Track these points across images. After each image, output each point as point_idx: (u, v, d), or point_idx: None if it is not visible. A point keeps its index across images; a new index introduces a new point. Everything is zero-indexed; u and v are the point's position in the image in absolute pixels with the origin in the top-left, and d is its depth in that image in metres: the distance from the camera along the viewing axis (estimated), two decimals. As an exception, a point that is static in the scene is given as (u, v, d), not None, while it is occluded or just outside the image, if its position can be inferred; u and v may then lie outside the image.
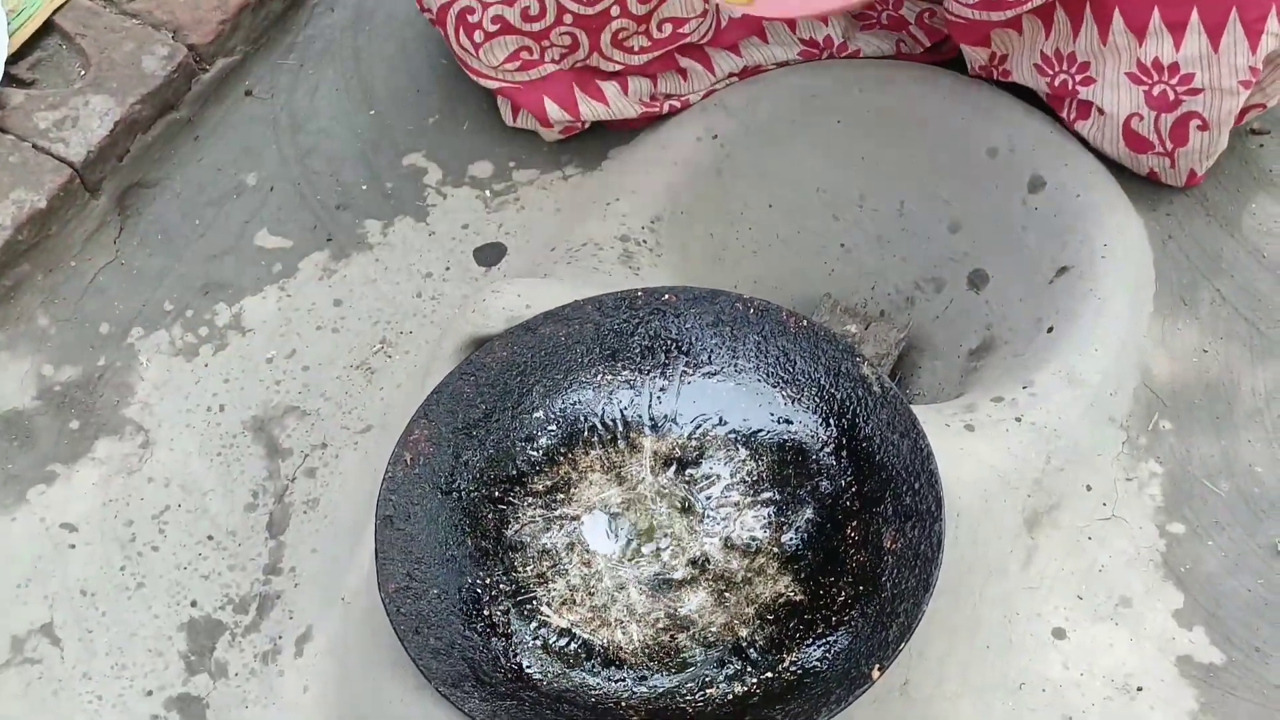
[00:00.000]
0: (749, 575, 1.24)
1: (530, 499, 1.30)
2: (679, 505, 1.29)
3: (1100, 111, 1.51)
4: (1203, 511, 1.41)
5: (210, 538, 1.43)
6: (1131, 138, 1.51)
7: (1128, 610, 1.35)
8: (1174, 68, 1.42)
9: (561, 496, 1.30)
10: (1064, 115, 1.56)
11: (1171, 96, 1.45)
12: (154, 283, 1.62)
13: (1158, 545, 1.38)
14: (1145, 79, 1.45)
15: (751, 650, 1.20)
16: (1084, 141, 1.56)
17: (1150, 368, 1.48)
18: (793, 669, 1.17)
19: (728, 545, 1.26)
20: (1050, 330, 1.45)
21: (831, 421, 1.30)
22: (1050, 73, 1.52)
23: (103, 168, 1.63)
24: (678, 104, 1.66)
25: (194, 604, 1.39)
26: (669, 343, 1.35)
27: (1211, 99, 1.43)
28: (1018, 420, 1.36)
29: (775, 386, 1.33)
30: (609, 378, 1.35)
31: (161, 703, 1.33)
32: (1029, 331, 1.49)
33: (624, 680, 1.19)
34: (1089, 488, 1.40)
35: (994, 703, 1.29)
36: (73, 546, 1.42)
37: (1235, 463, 1.43)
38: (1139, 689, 1.30)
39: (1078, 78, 1.50)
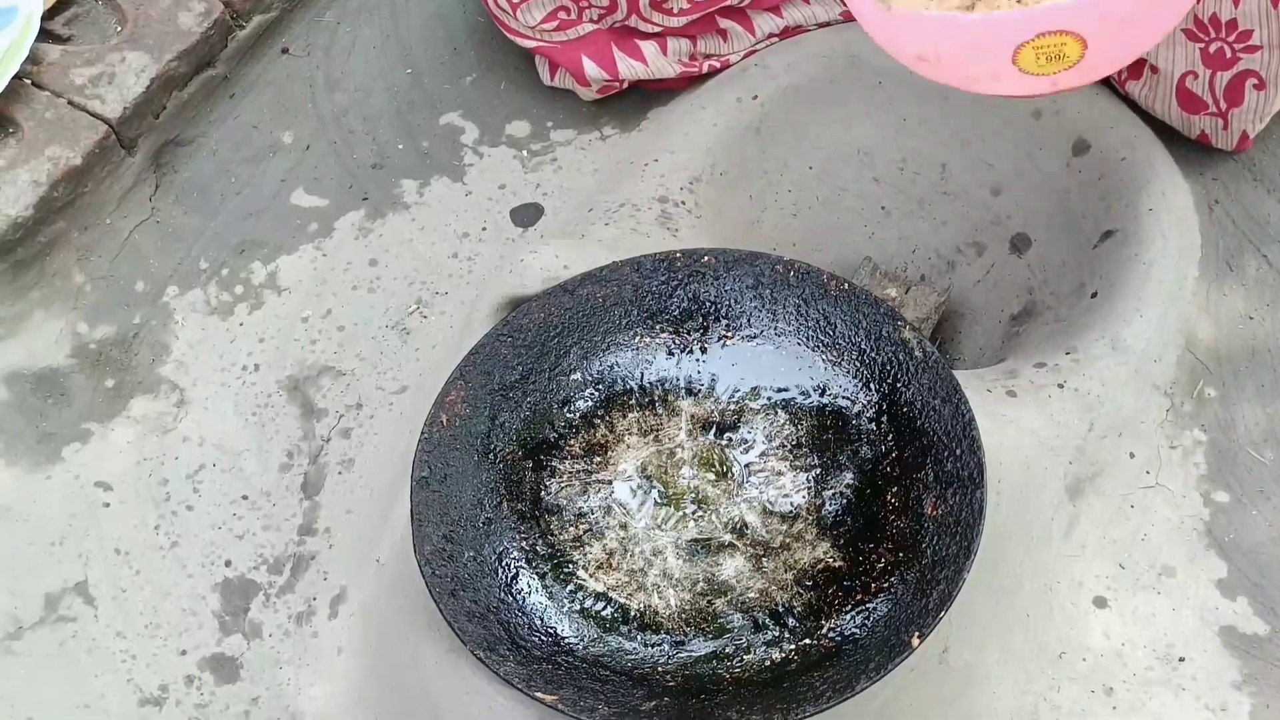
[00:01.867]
0: (787, 541, 1.23)
1: (567, 462, 1.29)
2: (717, 470, 1.28)
3: (1154, 70, 1.48)
4: (1247, 480, 1.39)
5: (245, 497, 1.43)
6: (1185, 97, 1.49)
7: (1170, 580, 1.33)
8: (1232, 24, 1.40)
9: (599, 460, 1.29)
10: (1114, 75, 1.53)
11: (1228, 54, 1.42)
12: (189, 241, 1.62)
13: (1201, 514, 1.37)
14: (1202, 36, 1.42)
15: (789, 616, 1.18)
16: (1132, 104, 1.54)
17: (1195, 334, 1.46)
18: (831, 636, 1.16)
19: (766, 511, 1.25)
20: (1094, 295, 1.43)
21: (872, 386, 1.28)
22: (1104, 31, 1.50)
23: (139, 125, 1.62)
24: (717, 64, 1.64)
25: (228, 564, 1.39)
26: (708, 305, 1.33)
27: (1269, 57, 1.41)
28: (1060, 386, 1.35)
29: (815, 350, 1.31)
30: (647, 340, 1.33)
31: (195, 662, 1.33)
32: (1072, 296, 1.47)
33: (660, 645, 1.18)
34: (1132, 455, 1.39)
35: (1034, 671, 1.28)
36: (107, 505, 1.42)
37: (1280, 430, 1.42)
38: (1181, 659, 1.29)
39: (1134, 36, 1.48)
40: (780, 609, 1.19)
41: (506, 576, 1.21)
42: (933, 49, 1.17)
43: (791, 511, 1.25)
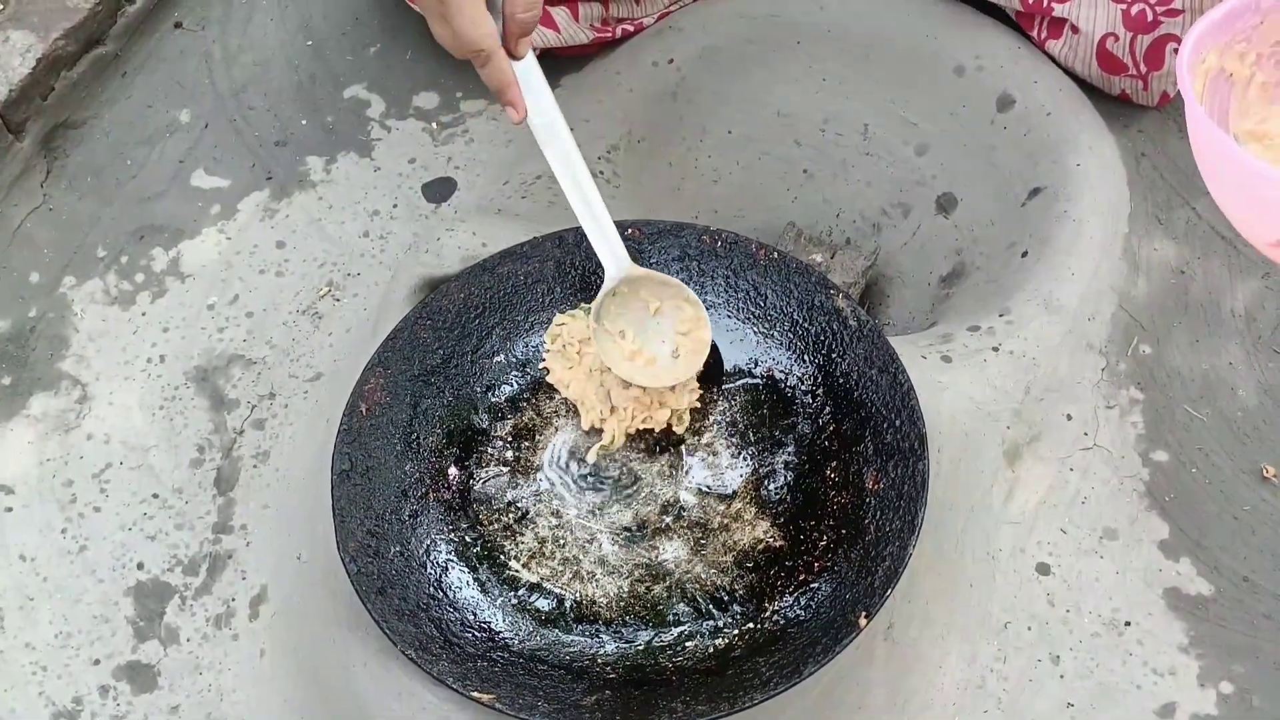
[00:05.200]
0: (726, 521, 1.20)
1: (494, 448, 1.24)
2: (650, 450, 1.24)
3: (1074, 30, 1.46)
4: (1185, 438, 1.37)
5: (155, 496, 1.37)
6: (1105, 58, 1.47)
7: (1113, 543, 1.31)
8: None
9: (527, 445, 1.25)
10: (1034, 34, 1.51)
11: (1150, 17, 1.41)
12: (85, 228, 1.56)
13: (1141, 474, 1.35)
14: None
15: (731, 601, 1.15)
16: (1054, 61, 1.51)
17: (1128, 291, 1.44)
18: (775, 619, 1.13)
19: (702, 491, 1.22)
20: (1024, 254, 1.41)
21: (807, 358, 1.25)
22: (1026, -12, 1.47)
23: (26, 108, 1.56)
24: (631, 28, 1.60)
25: (140, 567, 1.33)
26: (633, 279, 1.29)
27: (1191, 21, 1.39)
28: (995, 350, 1.32)
29: (746, 323, 1.28)
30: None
31: (110, 671, 1.28)
32: (1002, 256, 1.45)
33: (599, 636, 1.14)
34: (1069, 417, 1.36)
35: (980, 643, 1.25)
36: (9, 510, 1.36)
37: (1217, 386, 1.40)
38: (1126, 624, 1.27)
39: (1055, -6, 1.46)
40: (721, 593, 1.16)
41: (436, 571, 1.16)
42: None
43: (729, 491, 1.21)
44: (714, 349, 1.26)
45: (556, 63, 1.64)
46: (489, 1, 1.14)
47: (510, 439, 1.25)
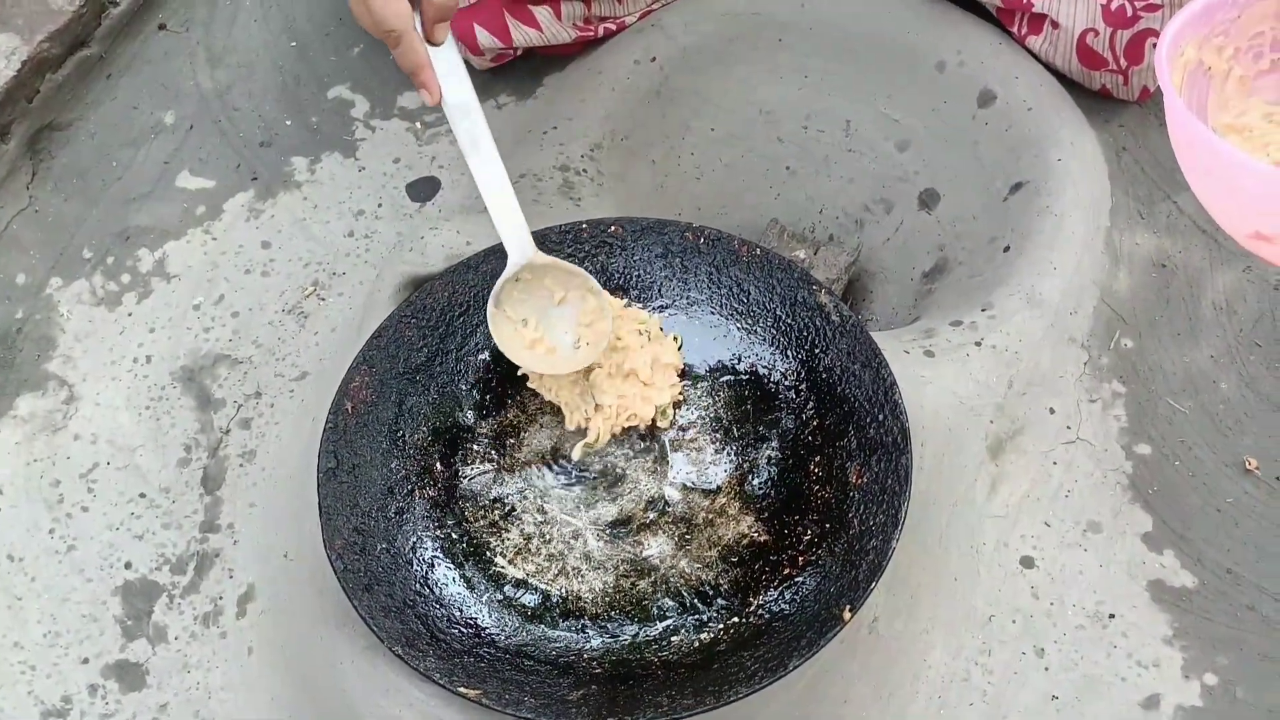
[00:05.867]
0: (710, 517, 1.20)
1: (480, 445, 1.25)
2: (634, 446, 1.24)
3: (1055, 25, 1.47)
4: (1168, 431, 1.38)
5: (142, 495, 1.37)
6: (1085, 54, 1.47)
7: (1096, 535, 1.32)
8: None
9: (512, 442, 1.25)
10: (1014, 30, 1.52)
11: (1129, 12, 1.41)
12: (71, 229, 1.55)
13: (1124, 467, 1.36)
14: None
15: (716, 595, 1.15)
16: (1035, 56, 1.52)
17: (1109, 284, 1.44)
18: (760, 613, 1.13)
19: (687, 486, 1.22)
20: (1007, 249, 1.41)
21: (790, 353, 1.25)
22: (1006, -15, 1.48)
23: (11, 110, 1.56)
24: (613, 27, 1.60)
25: (128, 566, 1.33)
26: (616, 276, 1.30)
27: (1170, 16, 1.39)
28: (978, 344, 1.32)
29: (730, 319, 1.28)
30: (556, 315, 1.30)
31: (99, 670, 1.28)
32: (985, 251, 1.45)
33: (585, 631, 1.14)
34: (1052, 411, 1.37)
35: (964, 636, 1.26)
36: (-3, 510, 1.36)
37: (1199, 379, 1.40)
38: (1110, 616, 1.28)
39: (1034, -11, 1.46)
40: (706, 588, 1.16)
41: (422, 568, 1.17)
42: None
43: (714, 486, 1.22)
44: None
45: (539, 62, 1.64)
46: None
47: (495, 436, 1.25)
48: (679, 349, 1.28)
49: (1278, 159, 0.96)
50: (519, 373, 1.27)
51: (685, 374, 1.27)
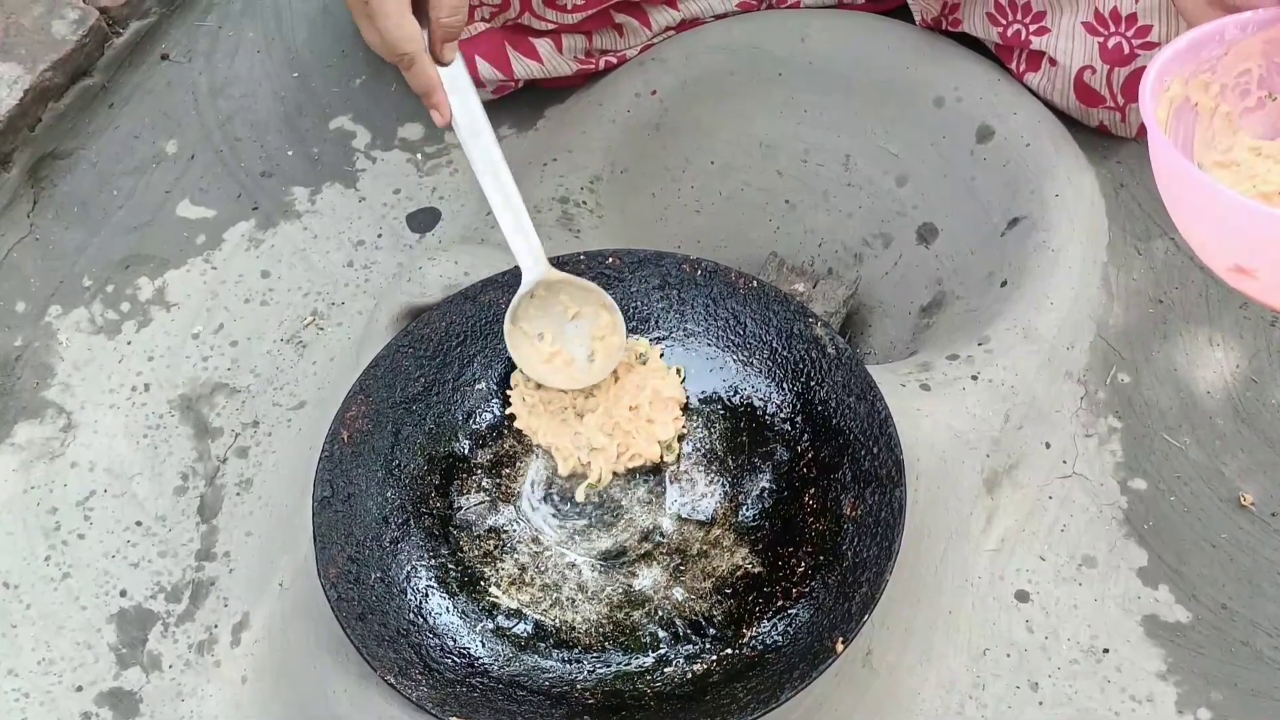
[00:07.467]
0: (704, 548, 1.20)
1: (475, 476, 1.25)
2: (631, 478, 1.24)
3: (1052, 63, 1.47)
4: (1164, 466, 1.38)
5: (139, 523, 1.37)
6: (1083, 91, 1.48)
7: (1091, 570, 1.32)
8: (1132, 18, 1.39)
9: (507, 472, 1.25)
10: (1013, 67, 1.52)
11: (1126, 49, 1.41)
12: (71, 258, 1.56)
13: (1119, 502, 1.36)
14: (1102, 30, 1.41)
15: (709, 626, 1.15)
16: (1033, 93, 1.52)
17: (1106, 320, 1.44)
18: (753, 644, 1.13)
19: (681, 518, 1.22)
20: (1004, 284, 1.42)
21: (785, 385, 1.26)
22: (1004, 22, 1.48)
23: (13, 138, 1.57)
24: (614, 60, 1.61)
25: (124, 594, 1.33)
26: (614, 308, 1.30)
27: None
28: (974, 378, 1.33)
29: (726, 350, 1.29)
30: (553, 346, 1.30)
31: (92, 698, 1.28)
32: (981, 286, 1.45)
33: (578, 662, 1.15)
34: (1048, 445, 1.37)
35: (958, 670, 1.26)
36: (-7, 537, 1.36)
37: (1195, 414, 1.41)
38: (1105, 651, 1.28)
39: (1032, 27, 1.46)
40: (700, 619, 1.16)
41: (416, 598, 1.17)
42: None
43: (708, 517, 1.22)
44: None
45: (540, 94, 1.65)
46: (416, 6, 1.15)
47: (491, 466, 1.25)
48: (682, 382, 1.28)
49: (1264, 191, 0.96)
50: (506, 410, 1.28)
51: (685, 407, 1.28)
